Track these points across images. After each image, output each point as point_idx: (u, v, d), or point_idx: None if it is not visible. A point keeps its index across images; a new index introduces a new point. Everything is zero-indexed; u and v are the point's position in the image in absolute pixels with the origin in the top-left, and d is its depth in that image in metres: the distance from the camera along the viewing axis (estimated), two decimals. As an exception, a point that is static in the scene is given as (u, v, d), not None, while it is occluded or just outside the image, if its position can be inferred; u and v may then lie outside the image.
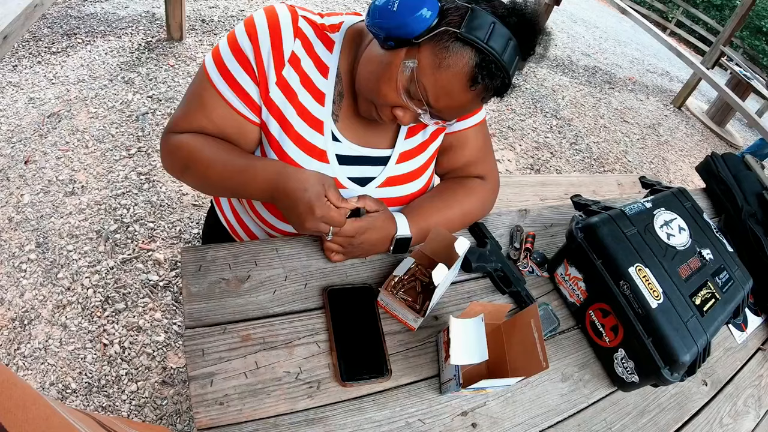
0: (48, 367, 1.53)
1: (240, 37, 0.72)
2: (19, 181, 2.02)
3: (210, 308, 0.70)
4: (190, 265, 0.74)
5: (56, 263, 1.79)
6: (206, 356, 0.66)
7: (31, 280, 1.72)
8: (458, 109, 0.68)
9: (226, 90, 0.74)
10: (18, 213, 1.91)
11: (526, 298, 0.89)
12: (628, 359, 0.87)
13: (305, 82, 0.76)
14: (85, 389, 1.51)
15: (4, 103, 2.37)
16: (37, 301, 1.67)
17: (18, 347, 1.56)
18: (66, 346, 1.58)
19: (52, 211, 1.95)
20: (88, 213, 1.98)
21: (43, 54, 2.76)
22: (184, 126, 0.77)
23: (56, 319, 1.64)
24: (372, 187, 0.85)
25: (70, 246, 1.85)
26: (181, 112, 0.78)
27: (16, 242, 1.82)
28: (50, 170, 2.10)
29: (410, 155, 0.86)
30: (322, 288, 0.77)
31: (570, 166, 3.58)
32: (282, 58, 0.73)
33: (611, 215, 0.94)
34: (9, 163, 2.08)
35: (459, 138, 0.91)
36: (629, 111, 4.90)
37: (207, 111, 0.76)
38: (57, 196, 2.01)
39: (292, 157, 0.77)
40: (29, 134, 2.23)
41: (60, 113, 2.39)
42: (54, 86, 2.55)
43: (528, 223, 1.10)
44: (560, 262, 0.98)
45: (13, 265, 1.75)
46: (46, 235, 1.87)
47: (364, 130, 0.82)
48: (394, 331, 0.77)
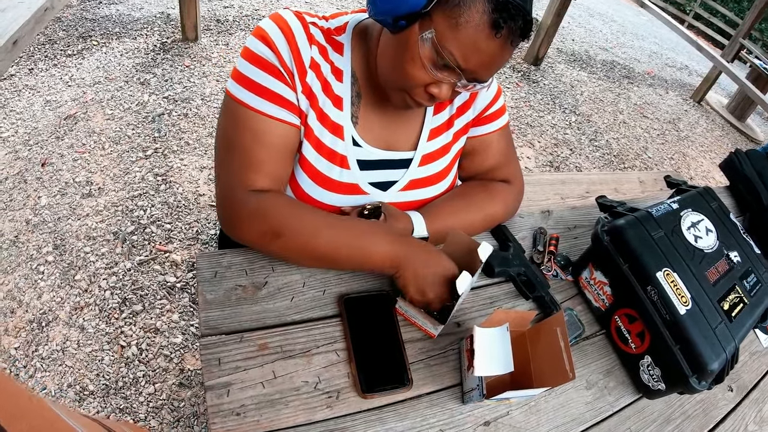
0: (66, 369, 1.54)
1: (256, 48, 0.69)
2: (36, 183, 2.04)
3: (226, 316, 0.69)
4: (205, 271, 0.73)
5: (73, 265, 1.80)
6: (223, 365, 0.65)
7: (49, 282, 1.74)
8: (491, 64, 0.64)
9: (268, 106, 0.68)
10: (35, 215, 1.93)
11: (551, 304, 0.86)
12: (654, 366, 0.84)
13: (325, 89, 0.74)
14: (103, 391, 1.51)
15: (21, 106, 2.40)
16: (55, 303, 1.69)
17: (36, 349, 1.57)
18: (83, 348, 1.59)
19: (69, 212, 1.97)
20: (105, 215, 1.99)
21: (58, 57, 2.78)
22: (253, 179, 0.70)
23: (73, 321, 1.65)
24: (394, 191, 0.83)
25: (87, 248, 1.86)
26: (235, 164, 0.69)
27: (33, 244, 1.83)
28: (67, 172, 2.12)
29: (433, 157, 0.84)
30: (339, 296, 0.75)
31: (590, 163, 3.51)
32: (303, 65, 0.70)
33: (638, 217, 0.91)
34: (26, 166, 2.10)
35: (482, 142, 0.89)
36: (648, 106, 4.79)
37: (262, 139, 0.69)
38: (74, 198, 2.02)
39: (312, 164, 0.76)
40: (46, 137, 2.26)
41: (76, 115, 2.41)
42: (70, 89, 2.58)
43: (551, 225, 1.06)
44: (585, 266, 0.95)
45: (31, 267, 1.76)
46: (63, 237, 1.88)
47: (384, 133, 0.80)
48: (414, 339, 0.74)
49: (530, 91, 4.03)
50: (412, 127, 0.82)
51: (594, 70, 5.09)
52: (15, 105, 2.41)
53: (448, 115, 0.85)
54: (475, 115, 0.87)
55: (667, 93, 5.35)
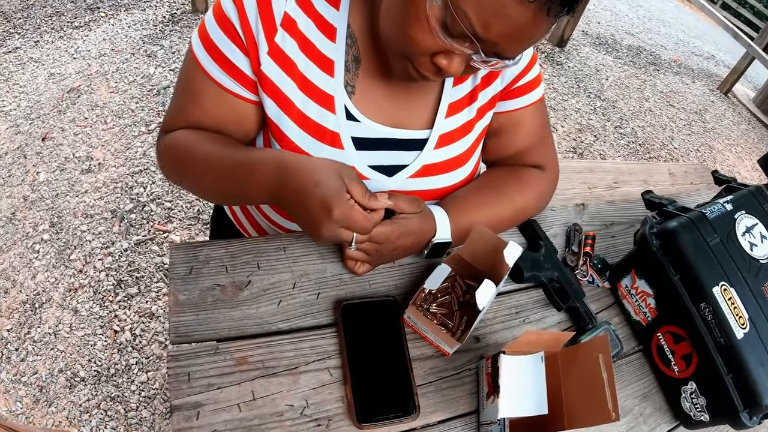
0: (57, 353, 1.47)
1: (225, 3, 0.59)
2: (35, 158, 1.97)
3: (200, 321, 0.58)
4: (179, 266, 0.61)
5: (69, 244, 1.72)
6: (193, 381, 0.54)
7: (44, 262, 1.66)
8: (519, 36, 0.49)
9: (215, 69, 0.60)
10: (33, 191, 1.85)
11: (586, 316, 0.74)
12: (699, 395, 0.72)
13: (306, 48, 0.60)
14: (94, 378, 1.44)
15: (25, 80, 2.32)
16: (49, 284, 1.61)
17: (28, 331, 1.50)
18: (76, 332, 1.52)
19: (68, 189, 1.89)
20: (104, 192, 1.91)
21: (65, 29, 2.70)
22: (178, 123, 0.65)
23: (67, 303, 1.58)
24: (403, 177, 0.69)
25: (84, 226, 1.78)
26: (174, 108, 0.66)
27: (30, 222, 1.76)
28: (67, 147, 2.04)
29: (453, 137, 0.70)
30: (336, 301, 0.63)
31: (614, 151, 3.36)
32: (272, 22, 0.58)
33: (692, 219, 0.77)
34: (26, 141, 2.03)
35: (512, 119, 0.75)
36: (675, 95, 4.59)
37: (199, 99, 0.63)
38: (73, 174, 1.94)
39: (295, 143, 0.63)
40: (48, 110, 2.18)
41: (80, 88, 2.32)
42: (75, 61, 2.49)
43: (585, 221, 0.93)
44: (626, 272, 0.82)
45: (27, 246, 1.69)
46: (60, 214, 1.80)
47: (391, 107, 0.66)
48: (424, 356, 0.62)
49: (554, 73, 3.85)
50: (426, 101, 0.69)
51: (620, 54, 4.91)
52: (18, 78, 2.34)
53: (471, 87, 0.71)
54: (504, 86, 0.72)
55: (694, 82, 5.14)
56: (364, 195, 0.53)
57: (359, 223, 0.53)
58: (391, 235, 0.59)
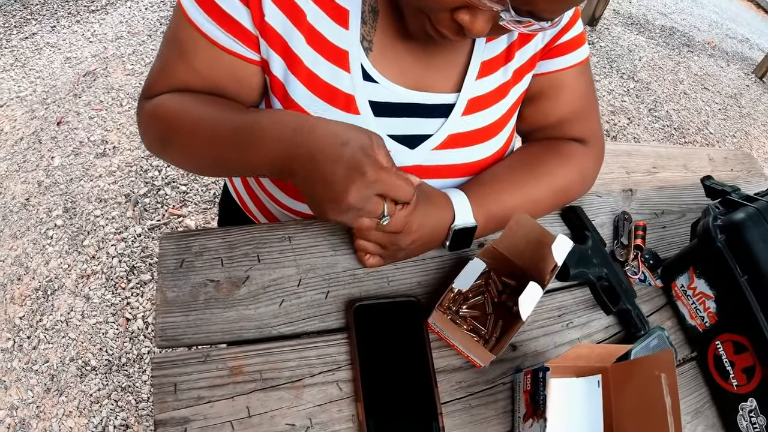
0: (69, 341, 1.44)
1: None
2: (50, 143, 1.94)
3: (190, 323, 0.50)
4: (169, 258, 0.54)
5: (82, 229, 1.69)
6: (180, 394, 0.46)
7: (57, 248, 1.63)
8: None
9: (207, 23, 0.51)
10: (48, 177, 1.83)
11: (638, 321, 0.63)
12: (759, 413, 0.62)
13: None
14: (105, 367, 1.41)
15: (41, 65, 2.31)
16: (62, 270, 1.58)
17: (40, 319, 1.48)
18: (88, 320, 1.49)
19: (82, 173, 1.86)
20: (119, 175, 1.87)
21: (82, 13, 2.68)
22: (162, 86, 0.56)
23: (79, 290, 1.54)
24: (427, 148, 0.59)
25: (97, 211, 1.75)
26: (157, 69, 0.56)
27: (44, 207, 1.73)
28: (82, 131, 2.00)
29: (484, 102, 0.60)
30: (348, 301, 0.54)
31: (648, 135, 3.22)
32: None
33: (760, 210, 0.65)
34: (42, 125, 2.00)
35: (553, 81, 0.64)
36: (709, 78, 4.39)
37: (188, 58, 0.53)
38: (88, 157, 1.91)
39: (302, 107, 0.54)
40: (63, 94, 2.15)
41: (96, 71, 2.28)
42: (91, 44, 2.46)
43: (634, 209, 0.82)
44: (683, 270, 0.71)
45: (40, 232, 1.67)
46: (74, 199, 1.77)
47: (414, 66, 0.57)
48: (450, 368, 0.53)
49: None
50: (454, 59, 0.58)
51: (652, 35, 4.73)
52: (35, 63, 2.32)
53: (507, 44, 0.60)
54: (545, 44, 0.62)
55: (728, 65, 4.91)
56: (390, 163, 0.44)
57: (399, 186, 0.43)
58: (412, 223, 0.50)
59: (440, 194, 0.56)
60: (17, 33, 2.49)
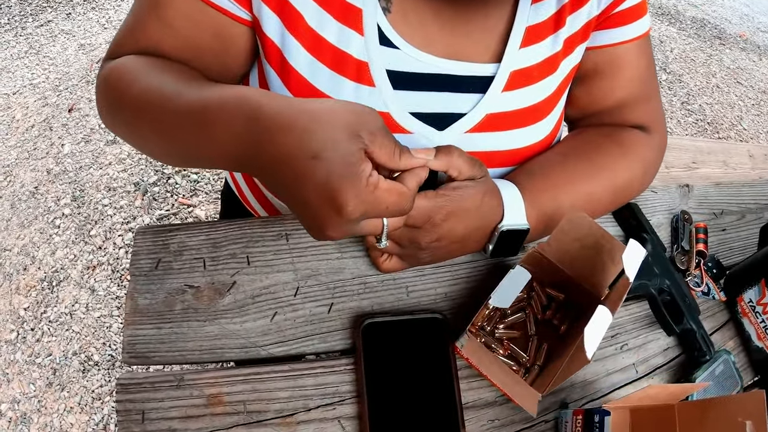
0: (72, 334, 1.40)
1: None
2: (61, 130, 1.91)
3: (163, 338, 0.41)
4: (143, 258, 0.45)
5: (90, 219, 1.64)
6: (148, 423, 0.38)
7: (64, 238, 1.59)
8: None
9: None
10: (57, 164, 1.79)
11: (703, 343, 0.52)
12: None
13: None
14: (108, 363, 1.36)
15: (55, 52, 2.29)
16: (68, 261, 1.54)
17: (45, 311, 1.44)
18: (92, 313, 1.44)
19: (92, 161, 1.81)
20: (128, 163, 1.83)
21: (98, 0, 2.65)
22: (129, 46, 0.46)
23: (85, 282, 1.50)
24: (459, 131, 0.49)
25: (106, 200, 1.70)
26: (126, 27, 0.47)
27: (52, 196, 1.70)
28: (93, 118, 1.97)
29: (530, 76, 0.49)
30: (356, 316, 0.45)
31: (681, 129, 3.09)
32: None
33: None
34: (53, 112, 1.97)
35: (611, 56, 0.53)
36: (742, 71, 4.23)
37: (164, 11, 0.44)
38: (98, 145, 1.87)
39: (305, 77, 0.44)
40: (76, 81, 2.12)
41: (109, 57, 2.25)
42: (106, 31, 2.44)
43: (692, 208, 0.71)
44: (752, 282, 0.59)
45: (47, 221, 1.63)
46: (83, 187, 1.73)
47: (441, 28, 0.46)
48: (482, 403, 0.43)
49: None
50: (492, 27, 0.48)
51: (683, 26, 4.60)
52: (49, 51, 2.31)
53: (557, 7, 0.49)
54: (601, 10, 0.51)
55: (761, 60, 4.74)
56: (393, 154, 0.33)
57: (391, 204, 0.33)
58: (436, 215, 0.39)
59: (490, 184, 0.44)
60: (33, 21, 2.48)
